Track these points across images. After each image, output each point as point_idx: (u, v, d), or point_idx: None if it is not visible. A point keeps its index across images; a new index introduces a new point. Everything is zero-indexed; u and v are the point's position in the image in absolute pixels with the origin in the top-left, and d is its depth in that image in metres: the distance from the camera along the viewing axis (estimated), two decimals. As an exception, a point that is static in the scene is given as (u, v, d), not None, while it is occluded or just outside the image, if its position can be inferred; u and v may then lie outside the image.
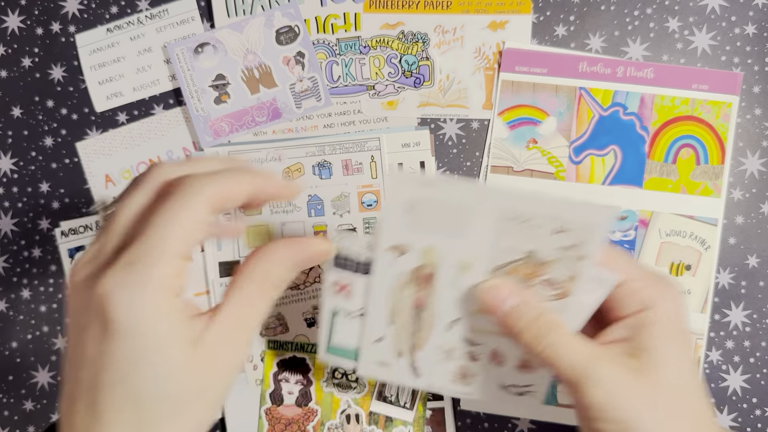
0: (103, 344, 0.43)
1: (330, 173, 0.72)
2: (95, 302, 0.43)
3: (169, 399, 0.45)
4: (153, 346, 0.44)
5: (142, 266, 0.43)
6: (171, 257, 0.44)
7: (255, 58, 0.72)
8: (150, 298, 0.43)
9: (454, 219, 0.56)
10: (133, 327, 0.43)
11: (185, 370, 0.45)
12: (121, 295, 0.43)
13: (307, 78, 0.73)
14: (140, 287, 0.43)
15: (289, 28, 0.72)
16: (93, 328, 0.43)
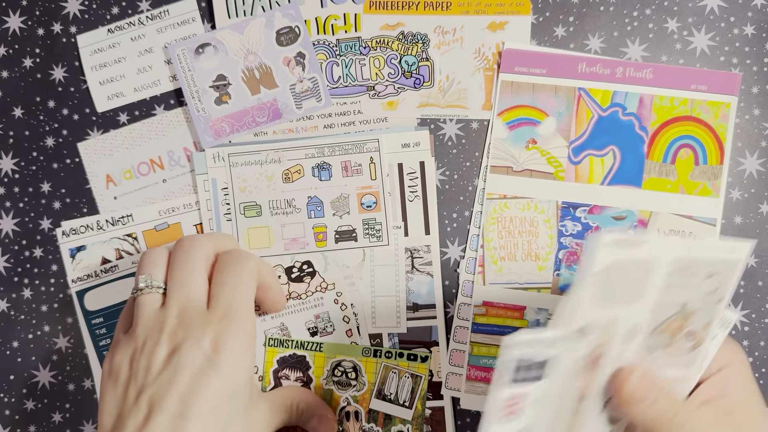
0: (204, 377, 0.55)
1: (330, 175, 0.72)
2: (204, 343, 0.56)
3: (239, 425, 0.58)
4: (244, 384, 0.58)
5: (240, 317, 0.58)
6: (251, 313, 0.60)
7: (255, 58, 0.72)
8: (250, 344, 0.59)
9: (638, 281, 0.49)
10: (237, 365, 0.57)
11: (248, 415, 0.60)
12: (231, 338, 0.57)
13: (308, 78, 0.73)
14: (242, 330, 0.58)
15: (290, 29, 0.72)
16: (193, 361, 0.55)
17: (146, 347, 0.57)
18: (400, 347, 0.73)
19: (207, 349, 0.56)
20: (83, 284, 0.75)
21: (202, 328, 0.56)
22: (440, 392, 0.73)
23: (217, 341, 0.56)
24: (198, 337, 0.56)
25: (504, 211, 0.71)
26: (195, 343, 0.56)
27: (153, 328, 0.58)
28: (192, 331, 0.56)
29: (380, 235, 0.72)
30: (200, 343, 0.56)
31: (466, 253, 0.72)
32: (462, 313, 0.72)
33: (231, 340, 0.56)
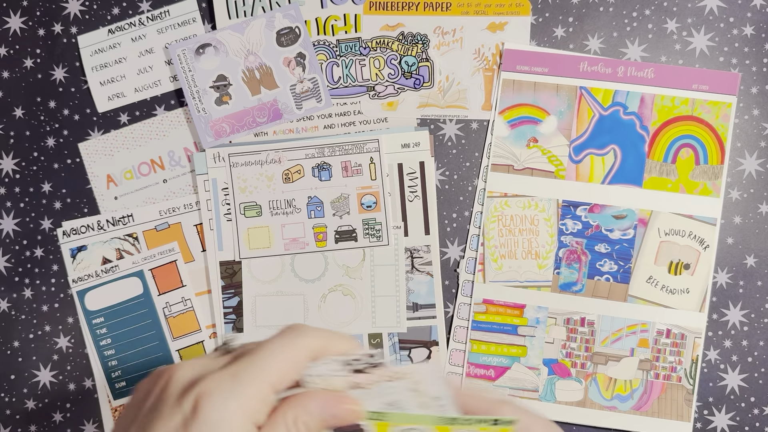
0: None
1: (330, 175, 0.72)
2: (185, 399, 0.47)
3: None
4: None
5: (242, 380, 0.47)
6: (266, 384, 0.48)
7: (256, 59, 0.72)
8: (241, 412, 0.47)
9: None
10: (217, 429, 0.46)
11: None
12: (216, 398, 0.46)
13: (308, 79, 0.73)
14: (235, 399, 0.47)
15: (290, 30, 0.72)
16: (171, 422, 0.46)
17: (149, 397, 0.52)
18: (400, 347, 0.73)
19: (187, 409, 0.47)
20: (84, 284, 0.75)
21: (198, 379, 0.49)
22: (440, 392, 0.73)
23: (199, 401, 0.47)
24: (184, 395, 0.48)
25: (505, 210, 0.72)
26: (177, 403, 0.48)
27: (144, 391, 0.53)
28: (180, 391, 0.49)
29: (380, 235, 0.72)
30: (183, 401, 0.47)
31: (466, 253, 0.73)
32: (462, 313, 0.72)
33: (217, 404, 0.46)
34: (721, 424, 0.72)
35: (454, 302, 0.73)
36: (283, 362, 0.49)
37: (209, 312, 0.74)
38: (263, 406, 0.48)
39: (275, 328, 0.71)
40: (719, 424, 0.72)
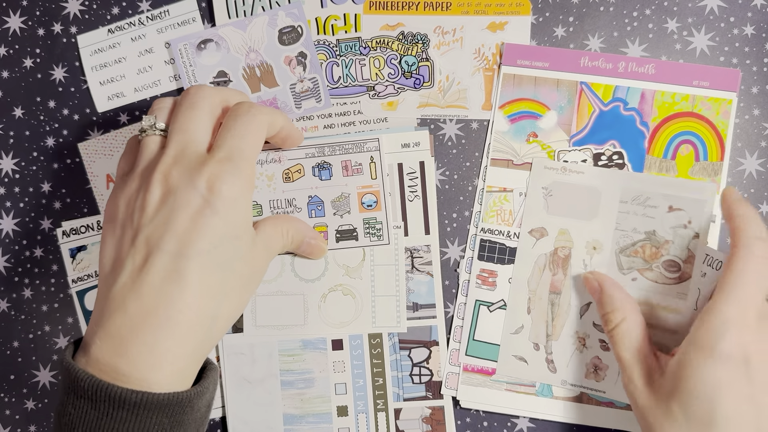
0: (201, 217, 0.55)
1: (330, 174, 0.72)
2: (200, 184, 0.55)
3: (241, 274, 0.59)
4: (243, 226, 0.59)
5: (238, 161, 0.57)
6: (252, 159, 0.59)
7: (257, 56, 0.72)
8: (247, 187, 0.58)
9: (585, 203, 0.70)
10: (233, 205, 0.56)
11: (251, 255, 0.60)
12: (227, 179, 0.56)
13: (308, 79, 0.73)
14: (240, 176, 0.57)
15: (292, 29, 0.72)
16: (191, 201, 0.55)
17: (141, 188, 0.57)
18: (400, 347, 0.73)
19: (203, 190, 0.55)
20: (84, 284, 0.75)
21: (197, 168, 0.56)
22: (440, 392, 0.73)
23: (212, 183, 0.56)
24: (193, 177, 0.56)
25: (503, 204, 0.72)
26: (190, 184, 0.55)
27: (148, 169, 0.58)
28: (187, 171, 0.56)
29: (381, 234, 0.72)
30: (195, 184, 0.55)
31: (466, 253, 0.72)
32: (462, 313, 0.72)
33: (228, 182, 0.56)
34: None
35: (454, 302, 0.73)
36: (257, 138, 0.60)
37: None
38: (254, 179, 0.59)
39: (275, 327, 0.72)
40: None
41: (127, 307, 0.53)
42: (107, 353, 0.52)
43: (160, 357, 0.53)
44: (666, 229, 0.69)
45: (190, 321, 0.54)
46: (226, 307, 0.58)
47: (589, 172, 0.71)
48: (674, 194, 0.69)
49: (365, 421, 0.73)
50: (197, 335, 0.55)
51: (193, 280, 0.54)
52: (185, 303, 0.54)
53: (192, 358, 0.55)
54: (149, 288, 0.53)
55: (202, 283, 0.55)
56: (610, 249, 0.70)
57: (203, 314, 0.55)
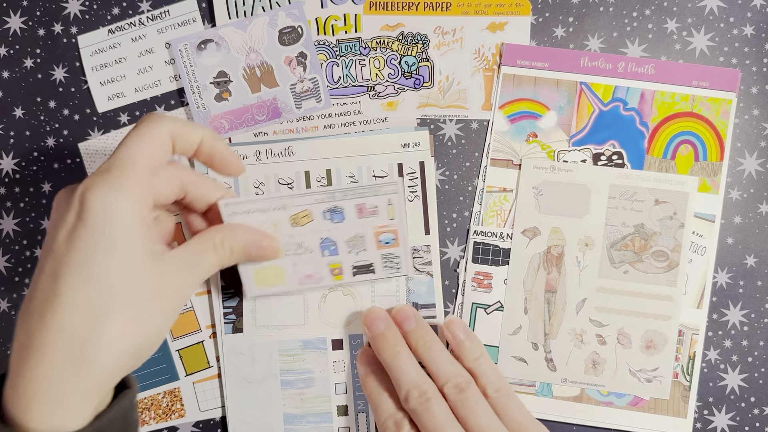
0: (74, 231, 0.51)
1: (342, 217, 0.68)
2: (74, 198, 0.52)
3: (124, 291, 0.52)
4: (120, 237, 0.52)
5: (116, 170, 0.53)
6: (140, 168, 0.54)
7: (257, 56, 0.72)
8: (123, 195, 0.52)
9: (575, 200, 0.71)
10: (104, 215, 0.51)
11: (143, 272, 0.53)
12: (97, 189, 0.51)
13: (308, 79, 0.73)
14: (115, 185, 0.52)
15: (293, 29, 0.72)
16: (67, 219, 0.52)
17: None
18: (400, 347, 0.73)
19: (76, 205, 0.52)
20: (83, 284, 0.75)
21: (77, 185, 0.53)
22: (440, 392, 0.73)
23: (84, 196, 0.51)
24: (70, 195, 0.53)
25: (503, 204, 0.72)
26: (66, 202, 0.53)
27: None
28: (70, 190, 0.54)
29: (400, 266, 0.70)
30: (70, 201, 0.52)
31: (466, 253, 0.73)
32: (462, 313, 0.72)
33: (99, 192, 0.51)
34: (721, 424, 0.72)
35: (454, 302, 0.73)
36: (147, 147, 0.55)
37: (209, 312, 0.74)
38: (145, 190, 0.54)
39: (275, 327, 0.72)
40: (719, 424, 0.72)
41: (18, 338, 0.51)
42: (7, 385, 0.51)
43: (36, 387, 0.50)
44: (653, 221, 0.71)
45: (63, 347, 0.50)
46: (112, 329, 0.51)
47: (577, 170, 0.71)
48: (659, 188, 0.71)
49: (365, 420, 0.73)
50: (74, 366, 0.50)
51: (64, 300, 0.50)
52: (58, 326, 0.50)
53: (72, 392, 0.50)
54: (31, 314, 0.51)
55: (74, 301, 0.50)
56: (602, 244, 0.72)
57: (79, 340, 0.50)
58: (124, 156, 0.54)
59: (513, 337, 0.71)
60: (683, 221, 0.71)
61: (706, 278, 0.71)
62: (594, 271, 0.71)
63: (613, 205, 0.71)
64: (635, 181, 0.71)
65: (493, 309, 0.72)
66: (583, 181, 0.71)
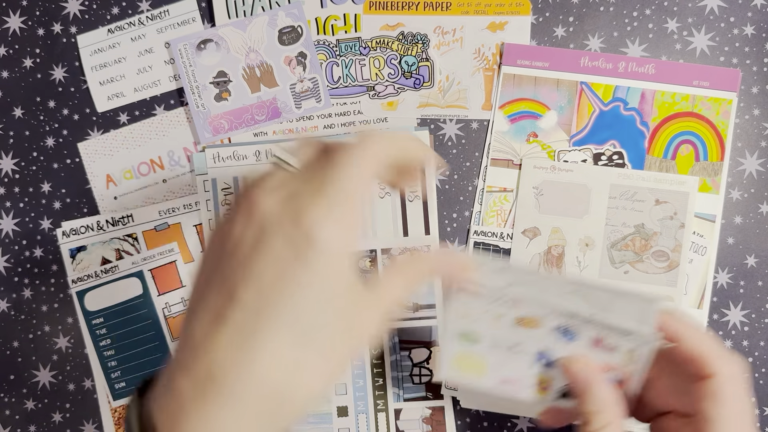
0: (290, 271, 0.44)
1: (572, 339, 0.56)
2: (298, 229, 0.44)
3: (330, 335, 0.46)
4: (340, 289, 0.45)
5: (344, 207, 0.45)
6: (360, 205, 0.46)
7: (257, 56, 0.72)
8: (353, 241, 0.46)
9: (575, 200, 0.71)
10: (333, 265, 0.44)
11: (349, 316, 0.46)
12: (330, 228, 0.44)
13: (308, 79, 0.73)
14: (346, 227, 0.45)
15: (292, 29, 0.72)
16: (280, 251, 0.44)
17: (236, 229, 0.47)
18: (400, 347, 0.73)
19: (298, 239, 0.44)
20: (83, 284, 0.75)
21: (291, 201, 0.46)
22: (440, 392, 0.73)
23: (313, 232, 0.44)
24: (297, 223, 0.44)
25: (503, 204, 0.72)
26: (287, 229, 0.45)
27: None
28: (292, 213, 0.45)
29: None
30: (296, 231, 0.45)
31: (466, 253, 0.72)
32: (462, 313, 0.72)
33: (332, 232, 0.44)
34: (722, 425, 0.72)
35: (455, 302, 0.73)
36: (369, 179, 0.48)
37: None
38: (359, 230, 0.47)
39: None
40: (720, 425, 0.71)
41: (196, 363, 0.45)
42: (165, 416, 0.45)
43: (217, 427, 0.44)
44: (654, 221, 0.70)
45: (260, 397, 0.45)
46: (309, 377, 0.46)
47: (577, 170, 0.71)
48: (660, 188, 0.70)
49: (365, 421, 0.73)
50: (260, 415, 0.45)
51: (268, 348, 0.44)
52: (260, 376, 0.44)
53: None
54: (220, 344, 0.44)
55: (278, 353, 0.45)
56: (602, 245, 0.71)
57: (277, 390, 0.45)
58: (347, 188, 0.46)
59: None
60: (684, 221, 0.70)
61: (707, 278, 0.71)
62: (594, 271, 0.71)
63: (613, 205, 0.71)
64: (636, 181, 0.70)
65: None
66: (584, 181, 0.71)
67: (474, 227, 0.72)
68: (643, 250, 0.71)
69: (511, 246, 0.72)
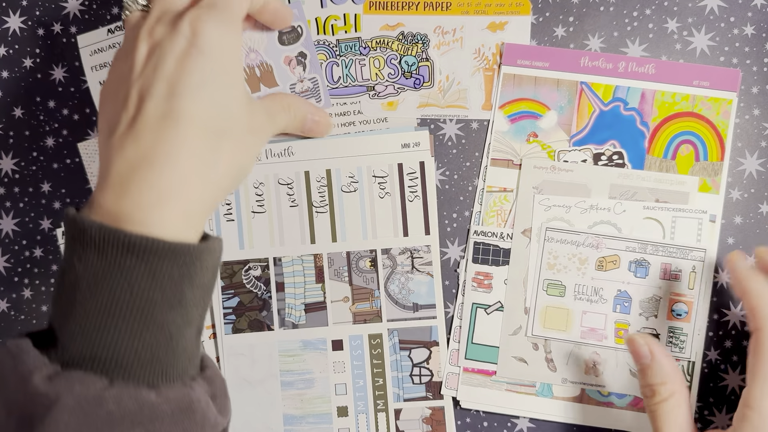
0: (187, 57, 0.54)
1: (646, 273, 0.70)
2: (183, 28, 0.54)
3: (236, 118, 0.56)
4: (233, 69, 0.56)
5: (222, 8, 0.56)
6: (235, 8, 0.58)
7: (257, 56, 0.72)
8: (235, 30, 0.57)
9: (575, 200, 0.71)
10: (220, 46, 0.55)
11: (246, 107, 0.58)
12: (211, 20, 0.55)
13: (308, 79, 0.73)
14: (224, 20, 0.55)
15: (292, 29, 0.72)
16: (175, 45, 0.54)
17: (128, 55, 0.56)
18: (400, 347, 0.73)
19: (186, 33, 0.54)
20: (83, 284, 0.74)
21: (180, 17, 0.55)
22: (440, 392, 0.73)
23: (195, 25, 0.54)
24: (176, 24, 0.55)
25: (503, 204, 0.72)
26: (173, 31, 0.54)
27: (132, 37, 0.57)
28: (170, 22, 0.55)
29: (683, 346, 0.70)
30: (179, 29, 0.54)
31: (466, 253, 0.72)
32: (462, 313, 0.72)
33: (212, 24, 0.55)
34: (722, 425, 0.72)
35: (454, 302, 0.73)
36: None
37: (208, 312, 0.74)
38: (240, 29, 0.58)
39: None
40: (720, 424, 0.71)
41: (126, 152, 0.51)
42: (110, 198, 0.50)
43: (163, 194, 0.51)
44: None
45: (189, 158, 0.52)
46: (227, 149, 0.55)
47: (577, 170, 0.71)
48: (660, 188, 0.70)
49: (365, 421, 0.73)
50: (199, 176, 0.53)
51: (186, 117, 0.52)
52: (182, 139, 0.52)
53: (194, 203, 0.53)
54: (145, 130, 0.52)
55: (196, 118, 0.53)
56: None
57: (202, 153, 0.53)
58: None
59: (513, 337, 0.71)
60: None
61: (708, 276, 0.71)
62: (594, 271, 0.71)
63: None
64: (636, 181, 0.70)
65: (494, 309, 0.72)
66: (584, 181, 0.71)
67: (474, 227, 0.72)
68: None
69: (511, 246, 0.71)
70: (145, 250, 0.48)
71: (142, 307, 0.48)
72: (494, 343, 0.72)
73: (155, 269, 0.48)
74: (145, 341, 0.48)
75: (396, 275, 0.73)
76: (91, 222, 0.48)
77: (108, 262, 0.48)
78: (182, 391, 0.49)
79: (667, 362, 0.63)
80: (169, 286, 0.49)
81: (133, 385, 0.47)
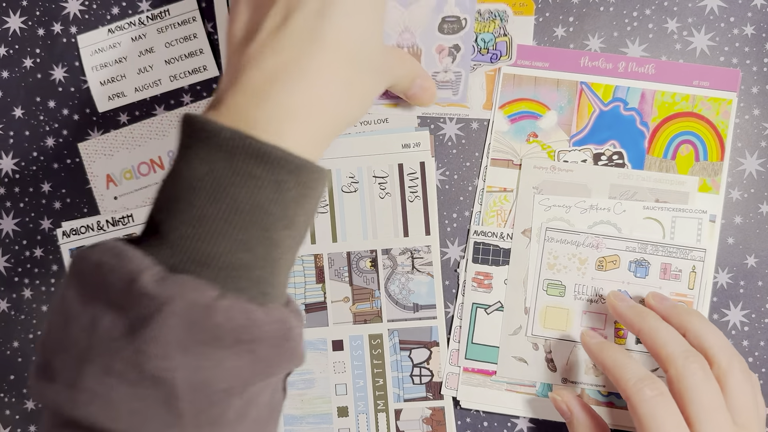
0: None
1: (646, 273, 0.70)
2: None
3: (373, 55, 0.55)
4: (377, 13, 0.55)
5: None
6: None
7: (411, 37, 0.70)
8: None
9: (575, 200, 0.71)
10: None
11: (382, 44, 0.57)
12: None
13: (453, 71, 0.72)
14: None
15: (456, 19, 0.71)
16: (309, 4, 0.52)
17: None
18: (400, 347, 0.73)
19: None
20: (83, 284, 0.75)
21: None
22: (440, 392, 0.73)
23: None
24: None
25: (503, 204, 0.72)
26: None
27: None
28: None
29: None
30: None
31: (466, 253, 0.72)
32: (462, 313, 0.72)
33: None
34: (722, 425, 0.72)
35: (454, 302, 0.73)
36: None
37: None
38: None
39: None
40: (720, 425, 0.71)
41: (265, 61, 0.50)
42: (243, 104, 0.49)
43: (299, 110, 0.49)
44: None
45: (329, 80, 0.51)
46: (359, 85, 0.54)
47: (577, 170, 0.71)
48: (660, 188, 0.70)
49: (366, 421, 0.73)
50: (334, 100, 0.52)
51: (333, 38, 0.51)
52: (326, 60, 0.51)
53: (325, 126, 0.51)
54: (289, 42, 0.51)
55: (342, 42, 0.52)
56: None
57: (341, 77, 0.52)
58: None
59: (513, 337, 0.71)
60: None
61: (708, 276, 0.71)
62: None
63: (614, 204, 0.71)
64: (636, 181, 0.70)
65: (494, 309, 0.72)
66: (584, 181, 0.71)
67: (474, 227, 0.72)
68: None
69: (511, 246, 0.71)
70: (276, 161, 0.46)
71: (261, 220, 0.46)
72: (494, 343, 0.72)
73: (281, 182, 0.46)
74: (258, 255, 0.46)
75: (396, 275, 0.73)
76: (223, 126, 0.46)
77: (235, 168, 0.45)
78: (284, 314, 0.47)
79: (584, 417, 0.66)
80: (289, 202, 0.47)
81: (245, 299, 0.45)
